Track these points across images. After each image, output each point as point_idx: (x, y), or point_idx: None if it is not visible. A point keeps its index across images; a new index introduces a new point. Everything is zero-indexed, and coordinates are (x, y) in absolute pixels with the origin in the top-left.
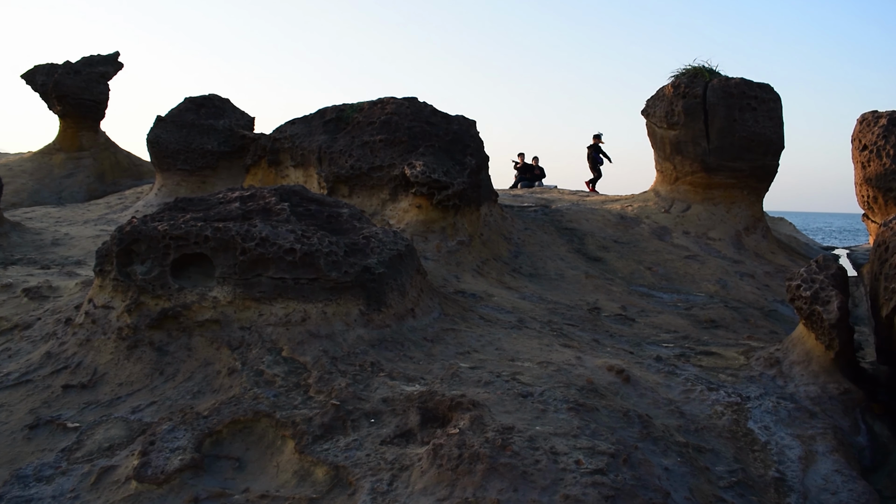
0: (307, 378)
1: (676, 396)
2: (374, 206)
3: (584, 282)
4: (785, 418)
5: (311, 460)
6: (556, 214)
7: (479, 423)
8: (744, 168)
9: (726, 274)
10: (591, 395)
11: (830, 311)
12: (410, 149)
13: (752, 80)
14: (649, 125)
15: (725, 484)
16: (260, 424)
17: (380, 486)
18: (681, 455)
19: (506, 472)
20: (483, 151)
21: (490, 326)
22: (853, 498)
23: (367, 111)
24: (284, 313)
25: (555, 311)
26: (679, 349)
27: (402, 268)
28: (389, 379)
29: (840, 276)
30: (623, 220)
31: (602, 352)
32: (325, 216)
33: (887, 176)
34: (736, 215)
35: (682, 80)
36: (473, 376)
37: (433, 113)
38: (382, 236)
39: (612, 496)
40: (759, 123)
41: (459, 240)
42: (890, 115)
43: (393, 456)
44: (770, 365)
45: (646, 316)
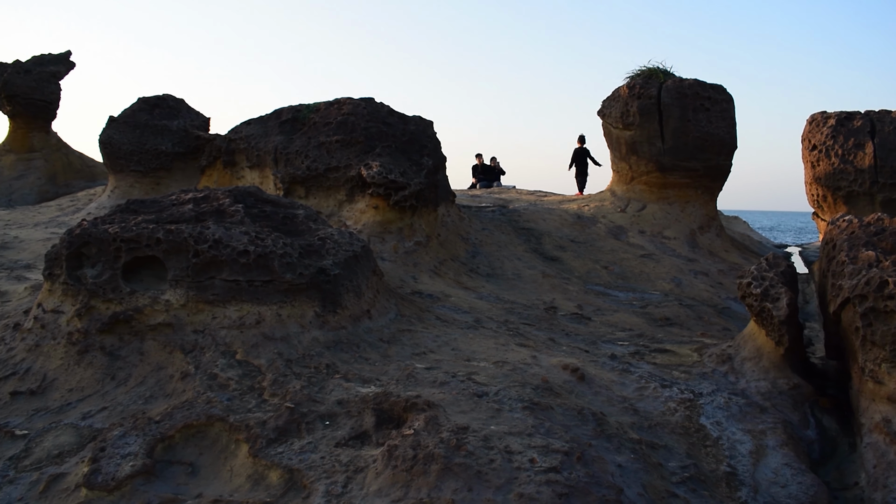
0: (261, 381)
1: (630, 394)
2: (330, 207)
3: (541, 281)
4: (736, 413)
5: (265, 464)
6: (513, 214)
7: (434, 424)
8: (698, 168)
9: (681, 272)
10: (546, 393)
11: (780, 307)
12: (367, 149)
13: (706, 82)
14: (605, 126)
15: (678, 479)
16: (213, 429)
17: (334, 489)
18: (634, 452)
19: (460, 471)
20: (440, 152)
21: (446, 327)
22: (802, 490)
23: (323, 111)
24: (238, 316)
25: (511, 310)
26: (634, 347)
27: (357, 269)
28: (345, 381)
29: (789, 273)
30: (580, 220)
31: (558, 351)
32: (281, 218)
33: (836, 175)
34: (690, 214)
35: (637, 81)
36: (429, 377)
37: (390, 113)
38: (338, 237)
39: (565, 494)
40: (712, 124)
41: (417, 240)
42: (838, 116)
43: (348, 458)
44: (722, 361)
45: (602, 314)
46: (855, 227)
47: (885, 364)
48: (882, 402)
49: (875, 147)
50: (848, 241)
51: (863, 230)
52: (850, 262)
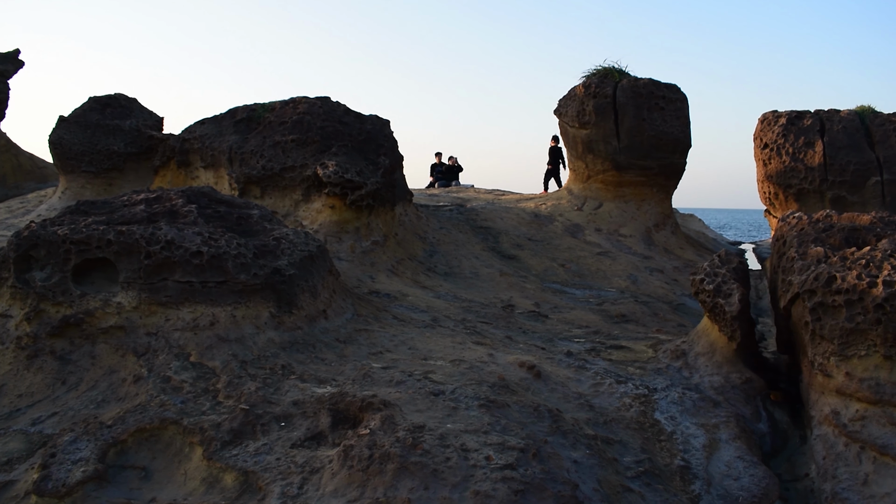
0: (216, 383)
1: (586, 390)
2: (286, 206)
3: (499, 280)
4: (690, 408)
5: (220, 466)
6: (471, 213)
7: (390, 423)
8: (653, 166)
9: (636, 269)
10: (502, 391)
11: (732, 303)
12: (323, 149)
13: (660, 81)
14: (562, 125)
15: (633, 474)
16: (167, 432)
17: (290, 490)
18: (589, 447)
19: (416, 470)
20: (397, 151)
21: (403, 326)
22: (754, 483)
23: (278, 111)
24: (192, 317)
25: (469, 309)
26: (590, 344)
27: (313, 269)
28: (300, 381)
29: (741, 269)
30: (537, 219)
31: (514, 348)
32: (235, 218)
33: (787, 173)
34: (646, 212)
35: (592, 81)
36: (385, 376)
37: (346, 112)
38: (293, 237)
39: (521, 490)
40: (667, 123)
41: (374, 240)
42: (789, 115)
43: (303, 459)
44: (676, 357)
45: (558, 312)
46: (804, 223)
47: (834, 357)
48: (831, 395)
49: (824, 145)
50: (797, 237)
51: (812, 227)
52: (799, 258)
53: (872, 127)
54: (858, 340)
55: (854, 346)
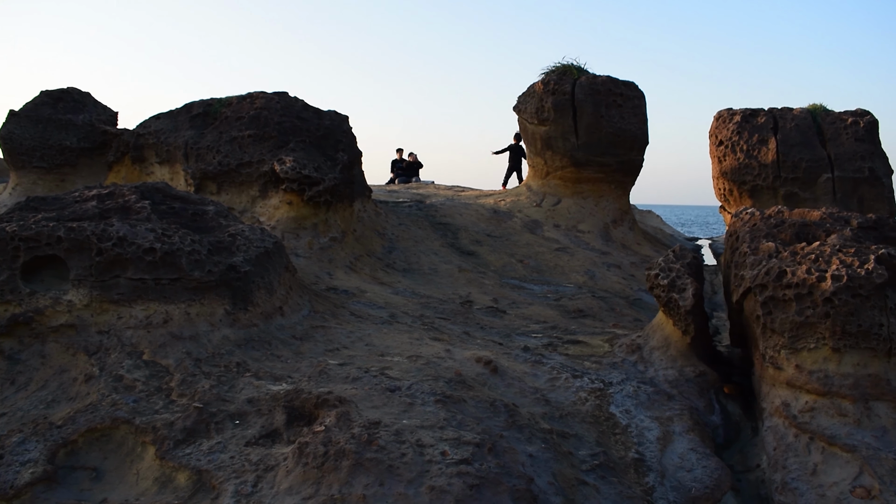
0: (169, 381)
1: (542, 385)
2: (243, 203)
3: (458, 275)
4: (645, 401)
5: (173, 466)
6: (430, 209)
7: (346, 420)
8: (611, 163)
9: (594, 265)
10: (458, 386)
11: (686, 298)
12: (281, 144)
13: (618, 78)
14: (521, 121)
15: (588, 467)
16: (119, 432)
17: (244, 489)
18: (545, 441)
19: (372, 466)
20: (356, 147)
21: (361, 322)
22: (707, 474)
23: (235, 106)
24: (145, 315)
25: (427, 305)
26: (547, 339)
27: (269, 265)
28: (255, 379)
29: (695, 264)
30: (496, 215)
31: (472, 344)
32: (190, 214)
33: (741, 170)
34: (604, 208)
35: (551, 78)
36: (342, 373)
37: (304, 108)
38: (249, 234)
39: (476, 485)
40: (624, 120)
41: (332, 236)
42: (743, 113)
43: (258, 457)
44: (632, 351)
45: (517, 307)
46: (757, 219)
47: (784, 350)
48: (781, 387)
49: (778, 143)
50: (750, 232)
51: (764, 222)
52: (751, 253)
53: (824, 125)
54: (808, 333)
55: (804, 340)
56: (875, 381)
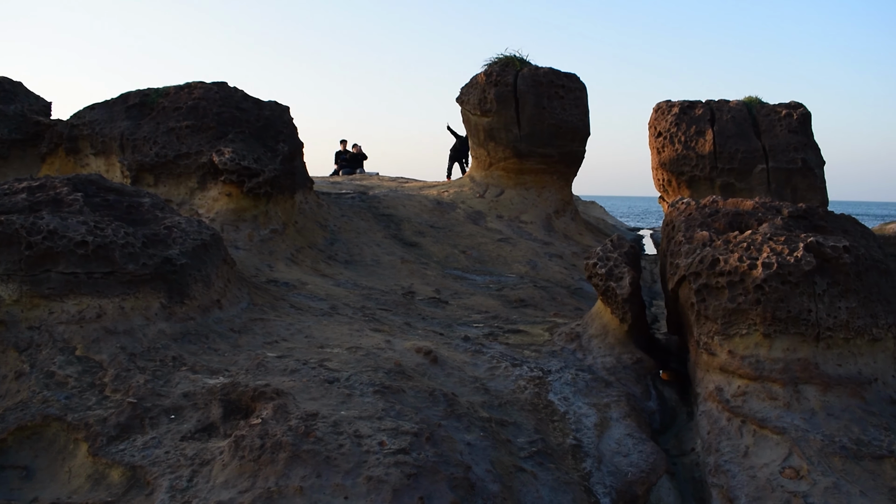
0: (103, 377)
1: (482, 374)
2: (181, 195)
3: (400, 267)
4: (583, 389)
5: (106, 462)
6: (373, 201)
7: (283, 412)
8: (553, 154)
9: (536, 255)
10: (398, 377)
11: (623, 286)
12: (219, 135)
13: (560, 70)
14: (464, 113)
15: (526, 454)
16: (50, 429)
17: (179, 484)
18: (484, 430)
19: (309, 458)
20: (297, 138)
21: (301, 314)
22: (642, 459)
23: (173, 96)
24: (77, 310)
25: (369, 296)
26: (488, 329)
27: (206, 258)
28: (192, 373)
29: (632, 254)
30: (439, 206)
31: (413, 335)
32: (125, 206)
33: (679, 161)
34: (547, 199)
35: (494, 69)
36: (280, 365)
37: (244, 98)
38: (185, 226)
39: (414, 474)
40: (566, 111)
41: (272, 228)
42: (681, 105)
43: (193, 451)
44: (571, 339)
45: (459, 298)
46: (692, 209)
47: (718, 337)
48: (715, 373)
49: (714, 134)
50: (685, 222)
51: (699, 212)
52: (686, 242)
53: (759, 117)
54: (740, 320)
55: (736, 326)
56: (804, 366)
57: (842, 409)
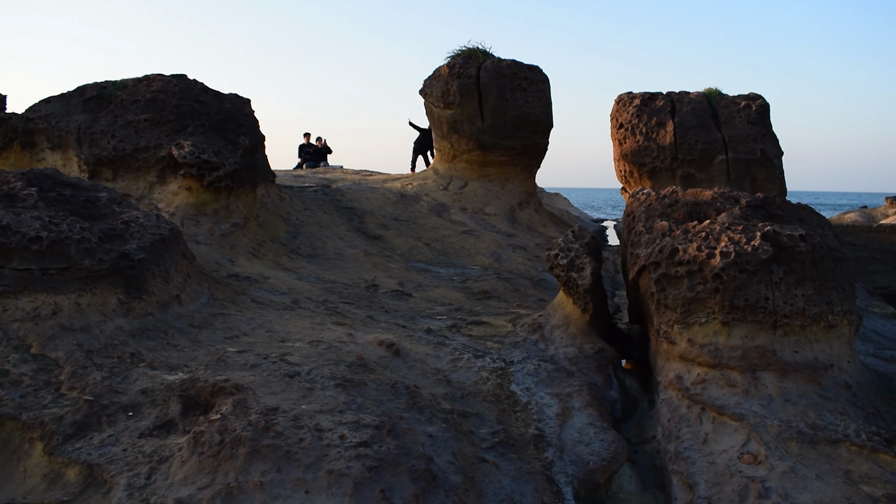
0: (59, 375)
1: (445, 366)
2: (140, 189)
3: (363, 260)
4: (545, 379)
5: (62, 461)
6: (336, 194)
7: (243, 407)
8: (516, 146)
9: (500, 247)
10: (360, 370)
11: (584, 277)
12: (179, 128)
13: (523, 62)
14: (427, 105)
15: (488, 445)
16: (4, 429)
17: (137, 481)
18: (446, 421)
19: (269, 453)
20: (258, 131)
21: (262, 309)
22: (604, 447)
23: (131, 89)
24: (32, 307)
25: (332, 290)
26: (451, 321)
27: (165, 253)
28: (150, 369)
29: (594, 244)
30: (403, 199)
31: (375, 328)
32: (82, 201)
33: (640, 152)
34: (510, 191)
35: (457, 61)
36: (240, 360)
37: (204, 91)
38: (143, 220)
39: (375, 467)
40: (529, 103)
41: (234, 222)
42: (642, 97)
43: (152, 448)
44: (533, 330)
45: (422, 290)
46: (652, 199)
47: (677, 325)
48: (675, 361)
49: (675, 126)
50: (645, 212)
51: (659, 202)
52: (646, 232)
53: (719, 108)
54: (699, 308)
55: (695, 314)
56: (762, 353)
57: (798, 395)
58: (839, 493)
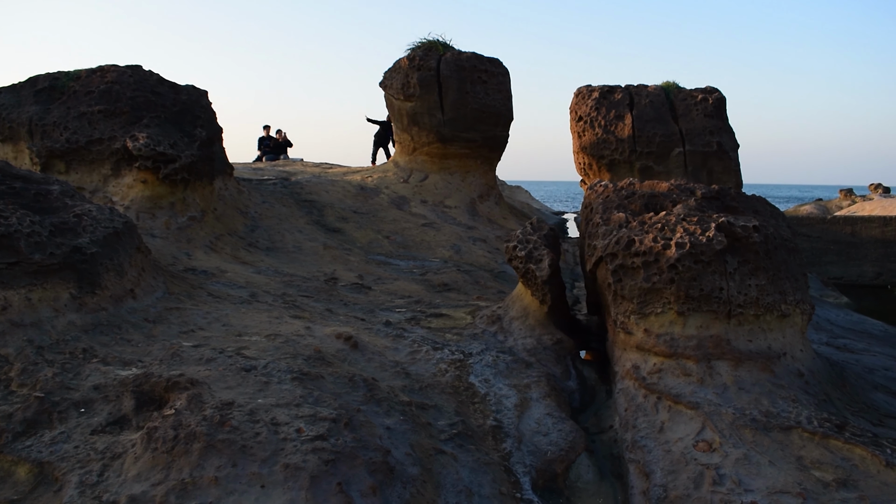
0: (8, 371)
1: (403, 358)
2: (95, 182)
3: (323, 253)
4: (503, 370)
5: (11, 460)
6: (295, 187)
7: (198, 402)
8: (476, 138)
9: (460, 239)
10: (317, 363)
11: (542, 268)
12: (133, 120)
13: (483, 55)
14: (387, 97)
15: (446, 436)
16: None
17: (89, 479)
18: (404, 414)
19: (224, 448)
20: (216, 123)
21: (219, 303)
22: (562, 437)
23: (85, 80)
24: None
25: (290, 283)
26: (411, 313)
27: (119, 246)
28: (103, 365)
29: (552, 236)
30: (363, 191)
31: (334, 321)
32: (32, 194)
33: (599, 144)
34: (471, 184)
35: (417, 54)
36: (196, 354)
37: (159, 82)
38: (96, 213)
39: (332, 460)
40: (489, 96)
41: (190, 215)
42: (601, 90)
43: (104, 445)
44: (492, 322)
45: (382, 283)
46: (609, 191)
47: (634, 316)
48: (632, 351)
49: (633, 118)
50: (603, 204)
51: (616, 194)
52: (603, 224)
53: (676, 101)
54: (655, 299)
55: (651, 305)
56: (716, 342)
57: (752, 383)
58: (791, 479)
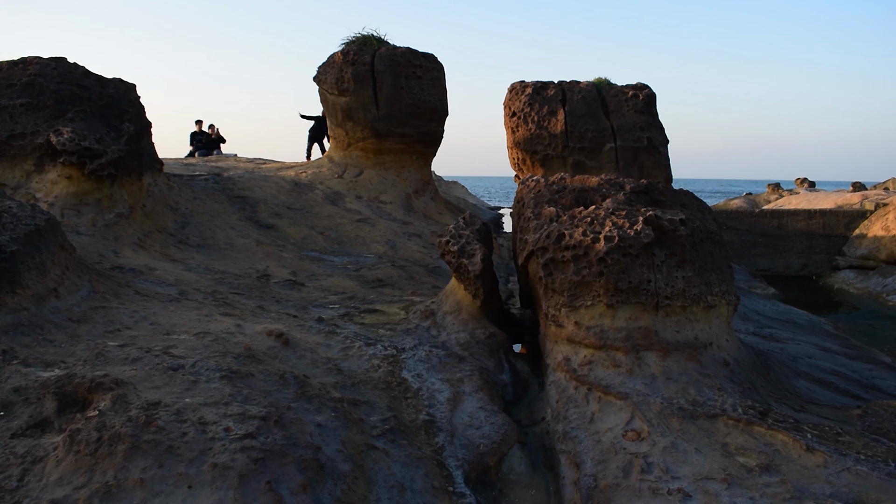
0: None
1: (335, 354)
2: (17, 178)
3: (255, 249)
4: (436, 365)
5: None
6: (228, 183)
7: (123, 402)
8: (411, 134)
9: (395, 235)
10: (247, 361)
11: (475, 263)
12: (58, 114)
13: (418, 50)
14: (322, 92)
15: (378, 432)
16: None
17: (8, 484)
18: (335, 410)
19: (150, 449)
20: (144, 117)
21: (147, 301)
22: (494, 430)
23: (6, 72)
24: None
25: (221, 280)
26: (344, 309)
27: (41, 244)
28: (24, 366)
29: (484, 231)
30: (297, 187)
31: (265, 318)
32: None
33: (533, 140)
34: (406, 179)
35: (351, 48)
36: (121, 354)
37: (85, 75)
38: (17, 210)
39: (261, 458)
40: (424, 91)
41: (118, 212)
42: (534, 85)
43: (24, 449)
44: (426, 317)
45: (315, 280)
46: (541, 186)
47: (564, 309)
48: (563, 344)
49: (566, 114)
50: (534, 198)
51: (547, 189)
52: (534, 218)
53: (608, 97)
54: (585, 292)
55: (581, 298)
56: (645, 333)
57: (679, 373)
58: (716, 465)
